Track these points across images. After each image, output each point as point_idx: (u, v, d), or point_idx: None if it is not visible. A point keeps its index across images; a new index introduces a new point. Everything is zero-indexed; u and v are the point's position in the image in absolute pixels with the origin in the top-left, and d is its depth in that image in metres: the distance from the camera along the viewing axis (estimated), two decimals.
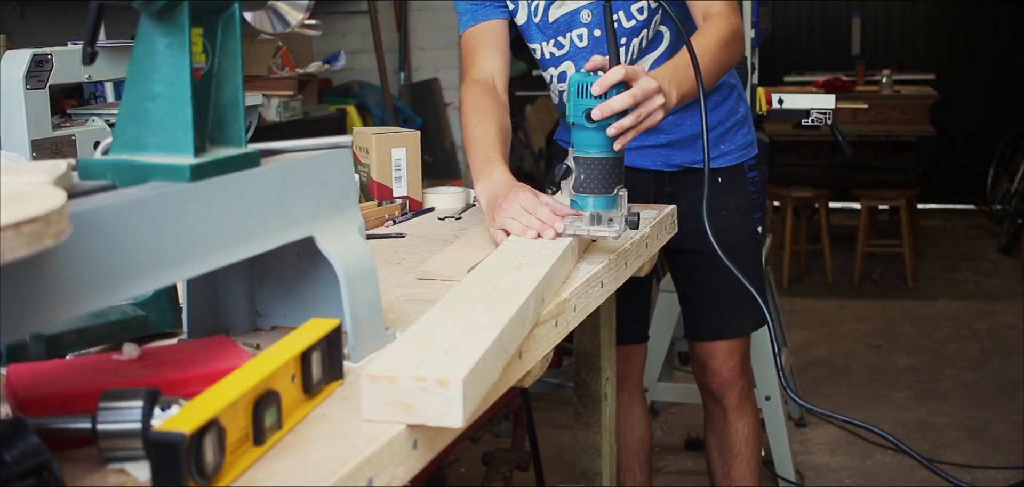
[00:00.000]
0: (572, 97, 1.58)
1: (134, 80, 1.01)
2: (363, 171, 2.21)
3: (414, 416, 0.97)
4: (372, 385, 0.97)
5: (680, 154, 2.14)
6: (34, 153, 1.92)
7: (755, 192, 2.26)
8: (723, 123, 2.16)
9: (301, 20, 1.14)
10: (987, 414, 3.75)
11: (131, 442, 0.88)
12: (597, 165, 1.57)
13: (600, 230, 1.56)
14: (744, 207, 2.20)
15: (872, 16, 7.60)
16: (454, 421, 0.97)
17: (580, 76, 1.59)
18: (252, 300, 1.28)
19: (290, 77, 3.55)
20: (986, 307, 5.12)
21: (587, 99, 1.57)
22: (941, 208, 7.57)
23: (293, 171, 1.11)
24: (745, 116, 2.23)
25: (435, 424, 0.97)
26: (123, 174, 0.97)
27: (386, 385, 0.97)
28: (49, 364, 1.10)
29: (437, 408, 0.96)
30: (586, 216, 1.56)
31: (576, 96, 1.58)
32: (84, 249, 0.83)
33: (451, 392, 0.96)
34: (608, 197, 1.58)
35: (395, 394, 0.97)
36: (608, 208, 1.58)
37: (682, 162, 2.15)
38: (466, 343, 1.06)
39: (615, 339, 2.12)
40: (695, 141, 2.12)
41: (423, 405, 0.97)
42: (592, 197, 1.58)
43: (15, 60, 1.93)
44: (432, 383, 0.96)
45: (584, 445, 2.13)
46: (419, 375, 0.97)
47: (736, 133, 2.20)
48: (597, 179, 1.58)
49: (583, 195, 1.58)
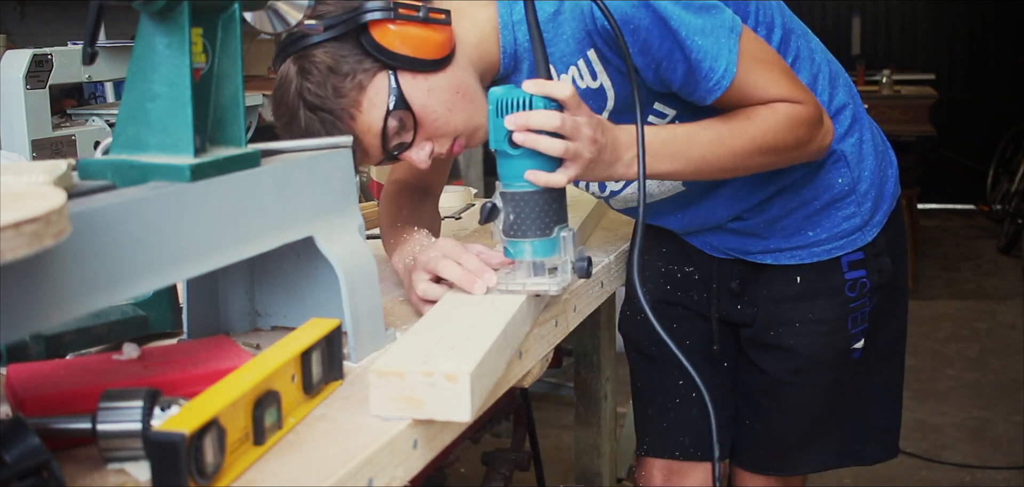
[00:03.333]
0: (492, 118, 1.24)
1: (134, 80, 1.01)
2: (363, 171, 2.21)
3: (422, 411, 0.98)
4: (380, 381, 0.99)
5: (754, 241, 1.60)
6: (34, 153, 1.93)
7: (857, 298, 1.60)
8: (812, 202, 1.56)
9: (301, 20, 1.14)
10: (987, 414, 3.75)
11: (131, 442, 0.88)
12: (530, 201, 1.24)
13: (539, 284, 1.24)
14: (832, 321, 1.59)
15: (872, 16, 7.60)
16: (462, 415, 0.98)
17: (501, 92, 1.23)
18: (252, 300, 1.28)
19: None
20: (986, 307, 5.12)
21: None
22: (941, 208, 7.56)
23: (293, 171, 1.11)
24: (851, 187, 1.56)
25: (443, 418, 0.98)
26: (123, 174, 0.97)
27: (394, 381, 0.98)
28: (49, 364, 1.10)
29: (445, 403, 0.97)
30: (523, 266, 1.26)
31: (495, 116, 1.23)
32: (84, 249, 0.83)
33: (459, 387, 0.97)
34: (547, 240, 1.25)
35: (403, 389, 0.98)
36: (548, 253, 1.25)
37: (752, 252, 1.61)
38: (471, 339, 1.07)
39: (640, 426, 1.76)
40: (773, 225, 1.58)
41: (431, 400, 0.98)
42: (527, 242, 1.25)
43: (15, 60, 1.94)
44: (440, 378, 0.97)
45: (584, 445, 2.13)
46: (427, 370, 0.98)
47: (834, 213, 1.57)
48: (532, 218, 1.24)
49: (516, 239, 1.25)
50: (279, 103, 1.36)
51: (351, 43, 1.31)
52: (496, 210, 1.25)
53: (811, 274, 1.58)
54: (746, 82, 1.36)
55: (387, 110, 1.33)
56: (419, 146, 1.39)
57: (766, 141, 1.38)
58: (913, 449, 3.39)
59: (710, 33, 1.33)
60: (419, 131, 1.37)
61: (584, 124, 1.24)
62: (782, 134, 1.38)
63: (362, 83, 1.32)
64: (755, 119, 1.37)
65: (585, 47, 1.39)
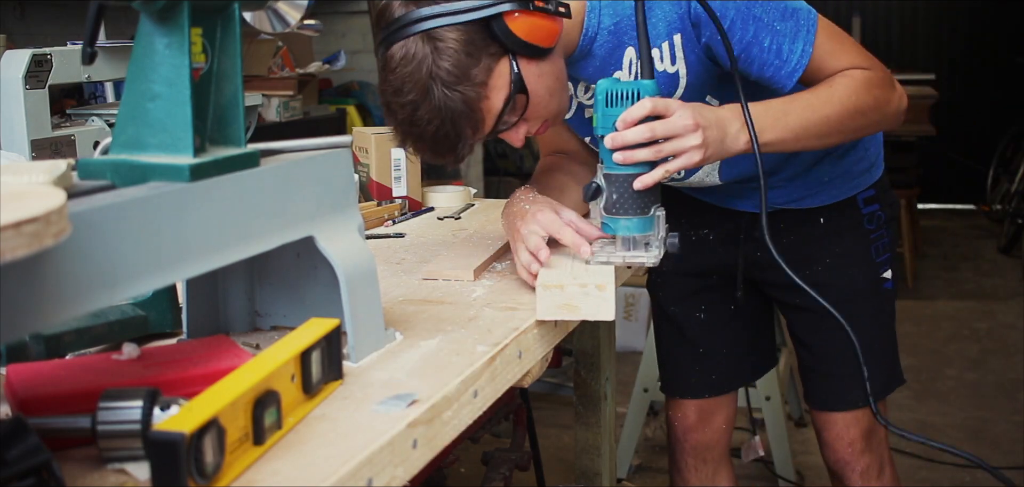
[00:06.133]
0: (599, 106, 1.38)
1: (134, 80, 1.01)
2: (363, 171, 2.21)
3: (578, 314, 1.30)
4: (545, 292, 1.29)
5: (777, 194, 1.75)
6: (34, 153, 1.92)
7: (875, 230, 1.80)
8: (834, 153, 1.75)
9: (301, 20, 1.14)
10: (987, 414, 3.75)
11: (131, 442, 0.88)
12: (631, 183, 1.37)
13: (636, 256, 1.39)
14: (858, 252, 1.79)
15: (872, 16, 7.60)
16: (609, 314, 1.29)
17: (608, 83, 1.38)
18: (252, 300, 1.28)
19: (290, 77, 3.54)
20: (986, 307, 5.12)
21: (619, 107, 1.37)
22: (941, 208, 7.56)
23: (293, 171, 1.11)
24: None
25: (594, 318, 1.30)
26: (123, 174, 0.97)
27: (556, 292, 1.29)
28: (49, 364, 1.10)
29: (596, 307, 1.29)
30: (619, 241, 1.41)
31: (605, 106, 1.38)
32: (84, 249, 0.83)
33: (606, 294, 1.29)
34: (644, 219, 1.39)
35: (562, 298, 1.30)
36: (644, 231, 1.40)
37: (777, 203, 1.77)
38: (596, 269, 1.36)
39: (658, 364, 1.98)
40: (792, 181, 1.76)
41: (585, 305, 1.30)
42: (625, 219, 1.39)
43: (15, 60, 1.94)
44: (592, 288, 1.30)
45: (584, 445, 2.13)
46: (581, 283, 1.30)
47: (844, 157, 1.76)
48: (631, 199, 1.38)
49: (615, 217, 1.39)
50: (404, 80, 1.34)
51: (479, 26, 1.35)
52: (600, 190, 1.39)
53: (832, 213, 1.78)
54: (820, 57, 1.49)
55: (508, 93, 1.38)
56: (519, 127, 1.45)
57: (851, 102, 1.48)
58: (913, 449, 3.39)
59: (788, 15, 1.46)
60: (527, 113, 1.43)
61: (678, 118, 1.35)
62: (863, 96, 1.49)
63: (490, 66, 1.36)
64: (835, 85, 1.49)
65: (674, 30, 1.48)
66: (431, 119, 1.34)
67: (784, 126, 1.44)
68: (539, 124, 1.48)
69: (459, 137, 1.36)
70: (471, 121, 1.36)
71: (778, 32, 1.45)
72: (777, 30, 1.45)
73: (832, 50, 1.50)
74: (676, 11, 1.46)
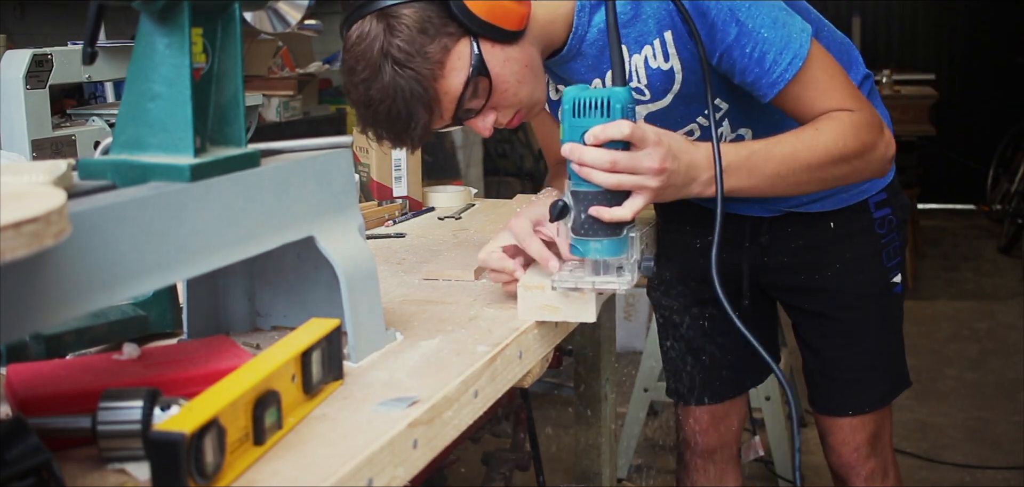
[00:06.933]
0: (566, 116, 1.24)
1: (134, 80, 1.01)
2: (363, 171, 2.21)
3: (559, 315, 1.31)
4: (526, 293, 1.31)
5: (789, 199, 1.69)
6: (34, 153, 1.92)
7: (886, 234, 1.76)
8: None
9: (301, 20, 1.14)
10: (987, 414, 3.75)
11: (131, 442, 0.88)
12: (600, 201, 1.25)
13: (607, 282, 1.26)
14: (869, 257, 1.74)
15: (872, 16, 7.60)
16: (590, 317, 1.30)
17: (577, 90, 1.25)
18: (252, 300, 1.28)
19: (290, 77, 3.54)
20: (986, 307, 5.12)
21: (586, 119, 1.23)
22: (941, 208, 7.56)
23: (293, 171, 1.11)
24: None
25: (575, 320, 1.31)
26: (123, 174, 0.97)
27: (537, 293, 1.30)
28: (49, 364, 1.10)
29: (577, 309, 1.30)
30: (588, 264, 1.27)
31: (572, 116, 1.24)
32: (84, 249, 0.83)
33: (587, 297, 1.29)
34: (615, 241, 1.25)
35: (544, 299, 1.30)
36: (615, 254, 1.26)
37: (785, 206, 1.72)
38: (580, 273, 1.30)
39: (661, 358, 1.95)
40: None
41: (566, 307, 1.30)
42: (594, 241, 1.25)
43: (15, 60, 1.94)
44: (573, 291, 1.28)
45: (584, 445, 2.13)
46: None
47: None
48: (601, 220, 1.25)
49: (584, 238, 1.25)
50: (358, 59, 1.33)
51: (437, 5, 1.32)
52: (567, 208, 1.26)
53: (843, 218, 1.72)
54: (807, 82, 1.41)
55: (468, 75, 1.35)
56: (485, 114, 1.42)
57: (837, 149, 1.41)
58: (913, 449, 3.39)
59: (778, 27, 1.39)
60: (490, 99, 1.40)
61: (645, 156, 1.25)
62: (849, 140, 1.41)
63: (447, 46, 1.34)
64: (822, 128, 1.41)
65: (664, 27, 1.44)
66: (383, 99, 1.32)
67: (760, 174, 1.38)
68: (511, 114, 1.43)
69: (411, 117, 1.33)
70: (424, 102, 1.33)
71: (764, 40, 1.39)
72: (764, 37, 1.39)
73: (823, 84, 1.42)
74: (666, 8, 1.43)
